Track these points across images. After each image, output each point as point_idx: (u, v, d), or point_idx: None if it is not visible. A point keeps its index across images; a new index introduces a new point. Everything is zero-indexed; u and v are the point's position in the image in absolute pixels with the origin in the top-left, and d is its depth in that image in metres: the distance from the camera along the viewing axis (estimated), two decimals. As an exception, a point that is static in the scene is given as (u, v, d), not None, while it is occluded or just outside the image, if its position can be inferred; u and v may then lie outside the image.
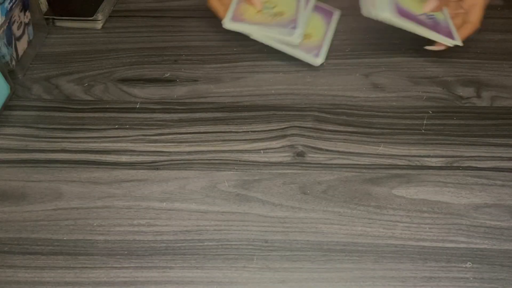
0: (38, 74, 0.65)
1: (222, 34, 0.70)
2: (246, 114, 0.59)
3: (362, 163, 0.53)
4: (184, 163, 0.53)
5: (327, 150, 0.54)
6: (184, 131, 0.57)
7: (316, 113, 0.58)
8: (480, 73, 0.64)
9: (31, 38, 0.68)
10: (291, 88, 0.62)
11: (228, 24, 0.64)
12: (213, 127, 0.57)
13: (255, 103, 0.60)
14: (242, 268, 0.44)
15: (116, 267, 0.45)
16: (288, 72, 0.64)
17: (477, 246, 0.46)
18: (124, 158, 0.54)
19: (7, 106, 0.60)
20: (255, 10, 0.65)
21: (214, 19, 0.73)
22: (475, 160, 0.53)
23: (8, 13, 0.60)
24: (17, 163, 0.53)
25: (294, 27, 0.62)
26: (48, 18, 0.72)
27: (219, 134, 0.56)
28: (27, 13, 0.66)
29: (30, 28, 0.68)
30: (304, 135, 0.56)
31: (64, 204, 0.49)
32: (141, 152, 0.54)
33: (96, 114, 0.59)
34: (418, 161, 0.53)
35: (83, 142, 0.55)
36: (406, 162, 0.53)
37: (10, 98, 0.60)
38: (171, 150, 0.54)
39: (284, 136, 0.56)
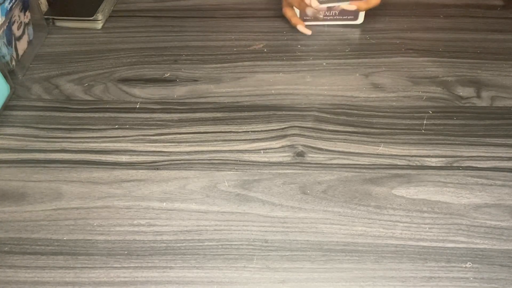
0: (38, 74, 0.65)
1: (222, 34, 0.70)
2: (246, 114, 0.59)
3: (362, 163, 0.53)
4: (184, 163, 0.53)
5: (327, 150, 0.54)
6: (184, 131, 0.57)
7: (316, 113, 0.58)
8: (480, 73, 0.64)
9: (31, 38, 0.68)
10: (291, 88, 0.62)
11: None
12: (213, 127, 0.57)
13: (255, 103, 0.60)
14: (242, 268, 0.44)
15: (116, 267, 0.45)
16: (288, 72, 0.64)
17: (477, 246, 0.46)
18: (124, 158, 0.54)
19: (7, 106, 0.60)
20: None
21: (214, 19, 0.73)
22: (475, 160, 0.53)
23: (8, 13, 0.60)
24: (17, 163, 0.53)
25: None
26: (48, 18, 0.72)
27: (219, 134, 0.56)
28: (27, 13, 0.66)
29: (30, 28, 0.68)
30: (304, 135, 0.56)
31: (64, 204, 0.49)
32: (141, 152, 0.54)
33: (96, 114, 0.59)
34: (418, 161, 0.53)
35: (83, 142, 0.55)
36: (406, 162, 0.53)
37: (10, 98, 0.60)
38: (171, 150, 0.54)
39: (284, 136, 0.56)
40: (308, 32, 0.69)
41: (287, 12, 0.71)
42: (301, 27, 0.69)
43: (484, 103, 0.60)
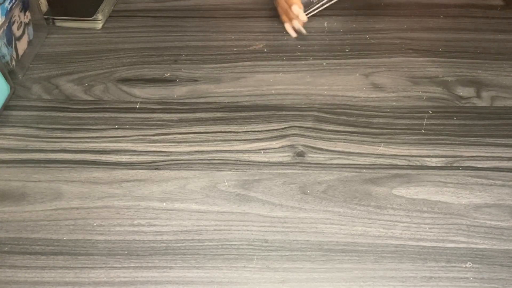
0: (38, 74, 0.65)
1: (222, 34, 0.70)
2: (246, 114, 0.59)
3: (362, 163, 0.53)
4: (184, 163, 0.53)
5: (327, 150, 0.54)
6: (184, 131, 0.57)
7: (316, 113, 0.58)
8: (480, 73, 0.64)
9: (31, 38, 0.68)
10: (291, 88, 0.62)
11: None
12: (213, 127, 0.57)
13: (255, 103, 0.60)
14: (242, 268, 0.44)
15: (116, 267, 0.45)
16: (288, 72, 0.64)
17: (477, 246, 0.46)
18: (124, 158, 0.54)
19: (7, 106, 0.60)
20: None
21: (214, 19, 0.73)
22: (475, 160, 0.53)
23: (8, 13, 0.60)
24: (17, 163, 0.53)
25: None
26: (48, 18, 0.72)
27: (219, 134, 0.56)
28: (27, 13, 0.66)
29: (30, 28, 0.68)
30: (304, 135, 0.56)
31: (64, 204, 0.49)
32: (141, 152, 0.54)
33: (96, 114, 0.59)
34: (418, 161, 0.53)
35: (83, 142, 0.55)
36: (406, 162, 0.53)
37: (10, 98, 0.60)
38: (171, 150, 0.54)
39: (284, 136, 0.56)
40: (294, 34, 0.69)
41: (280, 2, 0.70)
42: (288, 27, 0.69)
43: (484, 103, 0.60)
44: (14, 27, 0.63)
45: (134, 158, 0.54)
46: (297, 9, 0.65)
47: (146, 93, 0.61)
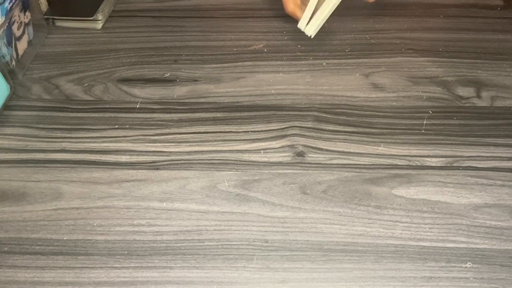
0: (38, 74, 0.65)
1: (222, 34, 0.70)
2: (246, 114, 0.59)
3: (362, 163, 0.53)
4: (184, 163, 0.53)
5: (327, 150, 0.54)
6: (184, 131, 0.57)
7: (316, 113, 0.58)
8: (480, 73, 0.64)
9: (31, 38, 0.68)
10: (291, 88, 0.62)
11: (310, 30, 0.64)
12: (213, 127, 0.57)
13: (255, 103, 0.60)
14: (242, 268, 0.44)
15: (116, 267, 0.45)
16: (288, 72, 0.64)
17: (477, 246, 0.46)
18: (124, 158, 0.54)
19: (7, 106, 0.60)
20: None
21: (214, 19, 0.73)
22: (475, 160, 0.53)
23: (8, 13, 0.60)
24: (17, 163, 0.53)
25: None
26: (48, 18, 0.72)
27: (219, 134, 0.56)
28: (27, 13, 0.66)
29: (30, 28, 0.68)
30: (304, 135, 0.56)
31: (64, 204, 0.49)
32: (141, 152, 0.54)
33: (96, 114, 0.59)
34: (418, 161, 0.53)
35: (83, 142, 0.55)
36: (406, 162, 0.53)
37: (10, 98, 0.60)
38: (171, 150, 0.54)
39: (284, 136, 0.56)
40: None
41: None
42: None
43: (484, 103, 0.60)
44: (14, 27, 0.63)
45: (134, 158, 0.54)
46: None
47: (146, 93, 0.61)
